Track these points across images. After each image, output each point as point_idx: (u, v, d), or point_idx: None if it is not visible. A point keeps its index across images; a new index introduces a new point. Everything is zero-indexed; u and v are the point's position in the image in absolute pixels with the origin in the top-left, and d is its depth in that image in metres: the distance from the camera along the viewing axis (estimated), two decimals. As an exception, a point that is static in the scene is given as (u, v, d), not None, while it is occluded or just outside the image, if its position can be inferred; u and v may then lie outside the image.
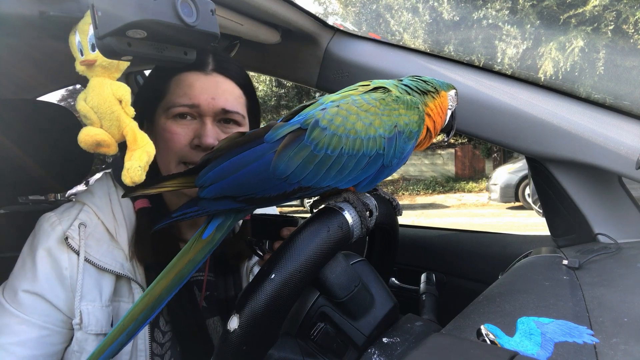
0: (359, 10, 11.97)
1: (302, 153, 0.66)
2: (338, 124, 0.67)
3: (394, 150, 0.69)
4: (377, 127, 0.68)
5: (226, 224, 0.71)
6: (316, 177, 0.67)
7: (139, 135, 0.73)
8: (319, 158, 0.66)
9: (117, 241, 0.87)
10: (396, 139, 0.69)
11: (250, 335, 0.60)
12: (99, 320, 0.82)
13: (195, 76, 0.87)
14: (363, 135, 0.67)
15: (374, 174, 0.70)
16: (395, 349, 0.66)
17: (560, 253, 0.96)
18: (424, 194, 14.75)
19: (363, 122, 0.68)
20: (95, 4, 0.54)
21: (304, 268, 0.61)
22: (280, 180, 0.66)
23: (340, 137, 0.66)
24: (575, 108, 0.99)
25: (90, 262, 0.82)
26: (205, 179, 0.69)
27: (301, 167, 0.66)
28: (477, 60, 9.13)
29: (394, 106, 0.71)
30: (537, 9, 8.75)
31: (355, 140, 0.67)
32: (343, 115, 0.68)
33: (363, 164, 0.68)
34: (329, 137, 0.66)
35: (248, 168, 0.67)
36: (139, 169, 0.70)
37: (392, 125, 0.69)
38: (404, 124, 0.70)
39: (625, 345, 0.49)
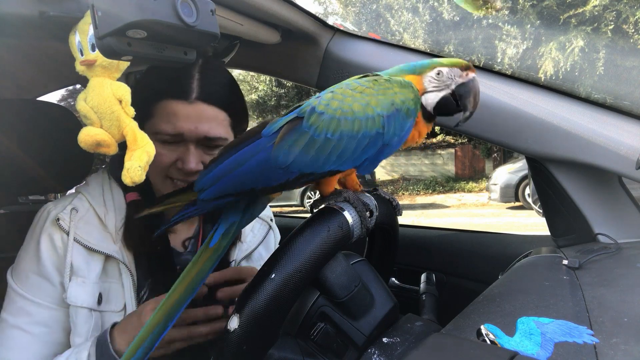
0: (359, 10, 11.97)
1: (302, 140, 0.66)
2: (335, 107, 0.67)
3: (393, 127, 0.69)
4: (374, 107, 0.68)
5: (231, 231, 0.73)
6: (317, 162, 0.67)
7: (139, 135, 0.73)
8: (319, 143, 0.66)
9: (105, 225, 0.93)
10: (395, 116, 0.69)
11: (251, 335, 0.60)
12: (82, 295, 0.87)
13: (179, 105, 0.90)
14: (361, 115, 0.67)
15: (374, 154, 0.69)
16: (395, 349, 0.66)
17: (560, 253, 0.96)
18: (424, 194, 14.75)
19: (360, 102, 0.68)
20: (95, 4, 0.54)
21: (304, 268, 0.61)
22: (282, 170, 0.67)
23: (339, 119, 0.66)
24: (575, 108, 0.99)
25: (79, 243, 0.88)
26: (204, 182, 0.69)
27: (302, 153, 0.66)
28: (477, 60, 9.13)
29: (387, 85, 0.71)
30: (537, 9, 8.74)
31: (354, 121, 0.67)
32: (339, 99, 0.68)
33: (363, 144, 0.67)
34: (327, 120, 0.66)
35: (248, 163, 0.67)
36: (139, 169, 0.71)
37: (389, 103, 0.69)
38: (400, 101, 0.69)
39: (625, 345, 0.49)
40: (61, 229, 0.88)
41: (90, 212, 0.93)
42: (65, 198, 0.96)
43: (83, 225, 0.90)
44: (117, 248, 0.92)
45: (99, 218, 0.93)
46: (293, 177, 0.67)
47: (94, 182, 0.99)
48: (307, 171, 0.67)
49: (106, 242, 0.91)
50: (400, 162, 16.83)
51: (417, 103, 0.72)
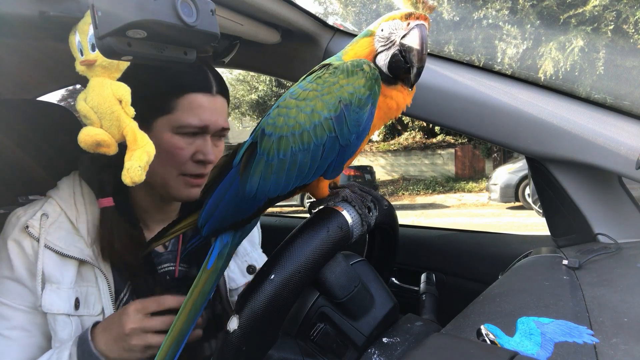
0: (359, 10, 11.97)
1: (259, 166, 0.66)
2: (281, 125, 0.65)
3: (347, 126, 0.64)
4: (320, 111, 0.64)
5: (225, 252, 0.73)
6: (280, 185, 0.66)
7: (139, 135, 0.73)
8: (275, 165, 0.65)
9: (77, 229, 0.91)
10: (344, 114, 0.64)
11: (250, 335, 0.60)
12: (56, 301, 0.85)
13: (204, 98, 0.91)
14: (308, 125, 0.64)
15: (335, 158, 0.66)
16: (395, 349, 0.66)
17: (560, 253, 0.96)
18: (424, 194, 14.75)
19: (304, 111, 0.65)
20: (95, 4, 0.54)
21: (304, 268, 0.61)
22: (250, 199, 0.67)
23: (287, 136, 0.64)
24: (575, 108, 0.99)
25: (50, 249, 0.86)
26: (202, 219, 0.72)
27: (263, 180, 0.65)
28: (477, 60, 9.12)
29: (332, 80, 0.66)
30: (537, 9, 8.74)
31: (302, 134, 0.64)
32: (284, 114, 0.66)
33: (319, 154, 0.65)
34: (276, 141, 0.65)
35: (225, 199, 0.69)
36: (139, 169, 0.70)
37: (335, 101, 0.64)
38: (348, 94, 0.64)
39: (625, 345, 0.49)
40: (31, 236, 0.86)
41: (61, 216, 0.91)
42: (36, 203, 0.93)
43: (54, 230, 0.88)
44: (91, 252, 0.90)
45: (70, 222, 0.91)
46: (262, 204, 0.68)
47: (65, 185, 0.96)
48: (273, 195, 0.67)
49: (79, 247, 0.89)
50: (400, 162, 16.83)
51: (372, 86, 0.65)
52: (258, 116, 15.41)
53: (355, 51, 0.70)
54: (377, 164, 16.66)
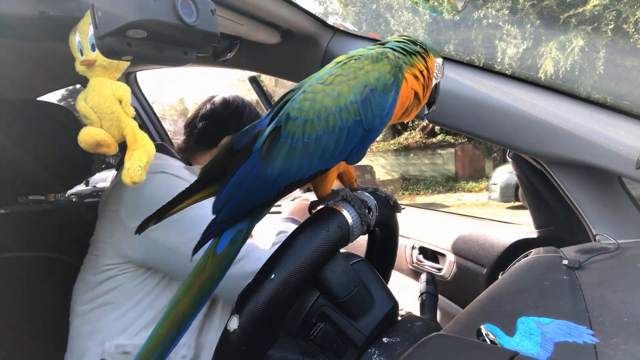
0: (359, 10, 11.96)
1: (283, 150, 0.66)
2: (307, 109, 0.66)
3: (371, 110, 0.67)
4: (346, 95, 0.66)
5: (239, 237, 0.70)
6: (302, 168, 0.66)
7: (139, 135, 0.73)
8: (299, 149, 0.65)
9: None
10: (370, 98, 0.66)
11: (250, 335, 0.60)
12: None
13: None
14: (334, 109, 0.65)
15: (358, 142, 0.68)
16: (395, 349, 0.66)
17: (560, 253, 0.96)
18: (424, 193, 14.74)
19: (330, 96, 0.66)
20: (95, 4, 0.54)
21: (304, 268, 0.61)
22: (271, 183, 0.66)
23: (312, 120, 0.65)
24: (575, 108, 0.99)
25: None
26: (217, 204, 0.69)
27: (286, 163, 0.65)
28: (477, 60, 9.10)
29: (357, 66, 0.68)
30: (537, 9, 8.72)
31: (327, 118, 0.65)
32: (310, 98, 0.67)
33: (343, 137, 0.66)
34: (301, 124, 0.65)
35: (244, 183, 0.67)
36: (139, 168, 0.71)
37: (361, 86, 0.66)
38: (374, 79, 0.67)
39: (626, 345, 0.49)
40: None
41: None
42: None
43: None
44: None
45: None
46: (283, 187, 0.67)
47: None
48: (295, 179, 0.67)
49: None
50: (400, 162, 16.82)
51: (397, 73, 0.69)
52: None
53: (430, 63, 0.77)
54: (377, 163, 16.64)
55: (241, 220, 0.70)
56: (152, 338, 0.67)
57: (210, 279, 0.68)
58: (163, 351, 0.66)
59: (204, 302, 0.68)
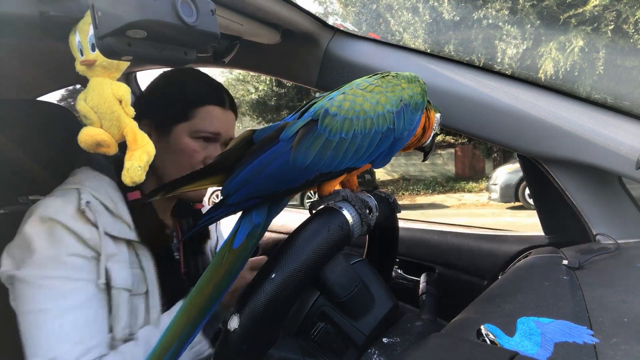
0: (359, 10, 11.97)
1: (318, 141, 0.70)
2: (347, 108, 0.72)
3: (403, 122, 0.75)
4: (384, 104, 0.73)
5: (256, 232, 0.71)
6: (335, 161, 0.70)
7: (139, 135, 0.73)
8: (334, 143, 0.70)
9: (119, 215, 0.94)
10: (404, 111, 0.75)
11: (251, 335, 0.60)
12: (124, 275, 0.90)
13: (218, 110, 1.04)
14: (372, 114, 0.72)
15: (387, 149, 0.75)
16: (395, 349, 0.66)
17: (560, 253, 0.96)
18: (424, 194, 14.74)
19: (370, 101, 0.73)
20: (95, 4, 0.54)
21: (305, 268, 0.61)
22: (301, 171, 0.69)
23: (352, 119, 0.71)
24: (575, 108, 0.99)
25: (107, 234, 0.89)
26: (230, 187, 0.70)
27: (319, 154, 0.69)
28: (477, 60, 9.13)
29: (395, 82, 0.77)
30: (537, 9, 8.73)
31: (365, 120, 0.71)
32: (350, 100, 0.73)
33: (376, 141, 0.73)
34: (340, 121, 0.70)
35: (269, 167, 0.69)
36: (139, 169, 0.70)
37: (397, 99, 0.75)
38: (408, 96, 0.76)
39: (626, 346, 0.49)
40: (88, 221, 0.87)
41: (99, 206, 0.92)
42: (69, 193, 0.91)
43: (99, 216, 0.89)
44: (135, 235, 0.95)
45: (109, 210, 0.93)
46: (313, 177, 0.70)
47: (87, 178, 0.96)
48: (326, 170, 0.71)
49: (125, 230, 0.93)
50: (400, 162, 16.82)
51: (424, 96, 0.79)
52: (258, 116, 15.39)
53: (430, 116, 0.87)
54: (377, 164, 16.63)
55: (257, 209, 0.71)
56: (167, 335, 0.66)
57: (227, 273, 0.67)
58: (179, 347, 0.65)
59: (221, 297, 0.68)
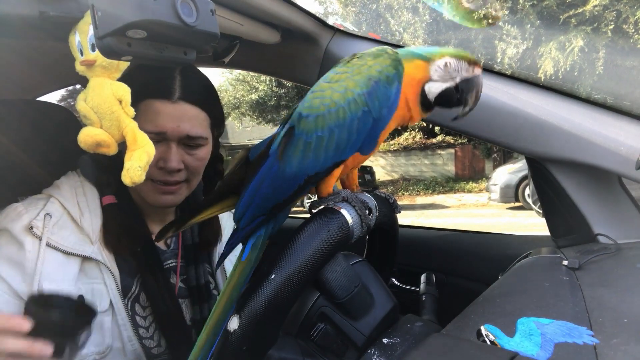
0: (359, 10, 11.97)
1: (298, 146, 0.70)
2: (317, 105, 0.70)
3: (378, 101, 0.70)
4: (353, 89, 0.70)
5: (259, 243, 0.74)
6: (318, 161, 0.69)
7: (139, 135, 0.73)
8: (313, 143, 0.69)
9: (81, 227, 0.91)
10: (376, 89, 0.70)
11: (250, 335, 0.60)
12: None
13: (161, 104, 0.90)
14: (343, 102, 0.69)
15: (369, 132, 0.71)
16: (395, 350, 0.66)
17: (560, 253, 0.96)
18: (424, 194, 14.75)
19: (338, 91, 0.70)
20: (95, 4, 0.54)
21: (304, 268, 0.61)
22: (291, 180, 0.70)
23: (323, 115, 0.69)
24: (575, 108, 0.99)
25: (54, 248, 0.86)
26: (239, 212, 0.74)
27: (302, 158, 0.69)
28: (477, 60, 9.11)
29: (360, 63, 0.73)
30: (537, 9, 8.73)
31: (338, 111, 0.69)
32: (319, 96, 0.71)
33: (355, 127, 0.70)
34: (313, 120, 0.69)
35: (264, 184, 0.71)
36: (139, 169, 0.71)
37: (366, 79, 0.70)
38: (377, 72, 0.71)
39: (625, 346, 0.49)
40: (34, 236, 0.85)
41: (64, 215, 0.91)
42: (36, 202, 0.91)
43: (58, 230, 0.88)
44: (96, 249, 0.91)
45: (74, 221, 0.91)
46: (302, 182, 0.70)
47: (66, 185, 0.96)
48: (312, 172, 0.70)
49: (83, 245, 0.90)
50: (400, 162, 16.82)
51: (397, 66, 0.72)
52: (258, 116, 15.39)
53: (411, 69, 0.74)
54: (377, 164, 16.65)
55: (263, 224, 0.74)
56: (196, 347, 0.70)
57: (237, 284, 0.71)
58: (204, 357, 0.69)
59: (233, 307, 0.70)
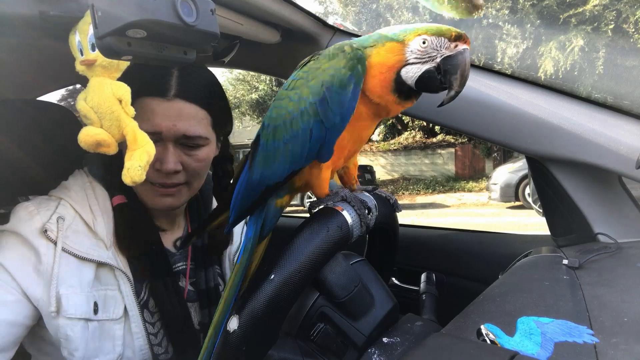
0: (359, 10, 11.97)
1: (260, 154, 0.72)
2: (275, 116, 0.70)
3: (330, 108, 0.65)
4: (306, 97, 0.67)
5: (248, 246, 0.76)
6: (276, 170, 0.70)
7: (139, 135, 0.73)
8: (270, 152, 0.70)
9: (95, 232, 0.88)
10: (327, 96, 0.65)
11: (250, 335, 0.60)
12: (78, 304, 0.83)
13: (156, 102, 0.86)
14: (296, 113, 0.67)
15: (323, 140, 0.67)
16: (395, 349, 0.66)
17: (560, 253, 0.96)
18: (424, 193, 14.75)
19: (293, 100, 0.68)
20: (95, 4, 0.54)
21: (304, 268, 0.61)
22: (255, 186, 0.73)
23: (279, 126, 0.69)
24: (575, 108, 0.99)
25: (69, 252, 0.83)
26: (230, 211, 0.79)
27: (261, 166, 0.71)
28: (477, 60, 9.13)
29: (315, 66, 0.69)
30: (537, 9, 8.74)
31: (291, 122, 0.68)
32: (277, 105, 0.71)
33: (307, 137, 0.67)
34: (272, 131, 0.70)
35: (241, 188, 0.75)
36: (139, 168, 0.71)
37: (318, 86, 0.66)
38: (330, 77, 0.65)
39: (625, 345, 0.49)
40: (49, 239, 0.82)
41: (77, 219, 0.87)
42: (47, 203, 0.88)
43: (72, 234, 0.85)
44: (110, 254, 0.88)
45: (87, 225, 0.88)
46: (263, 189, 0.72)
47: (76, 187, 0.93)
48: (271, 182, 0.71)
49: (98, 250, 0.87)
50: (400, 162, 16.83)
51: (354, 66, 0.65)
52: (258, 116, 15.41)
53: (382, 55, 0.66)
54: (377, 163, 16.65)
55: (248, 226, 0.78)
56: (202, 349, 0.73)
57: (232, 286, 0.74)
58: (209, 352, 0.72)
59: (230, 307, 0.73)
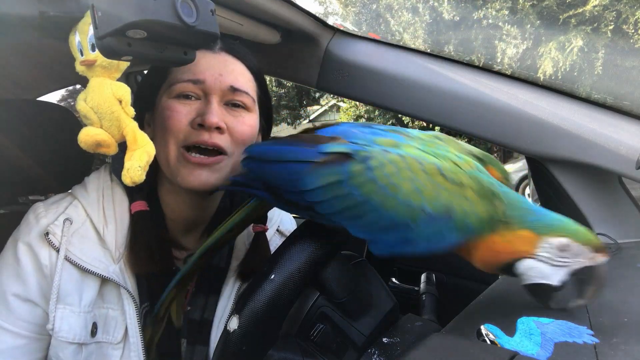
0: (359, 10, 11.98)
1: (332, 179, 0.60)
2: (385, 173, 0.58)
3: (428, 232, 0.57)
4: (425, 197, 0.57)
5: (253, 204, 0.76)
6: (331, 209, 0.61)
7: (139, 135, 0.73)
8: (343, 193, 0.60)
9: (104, 240, 0.78)
10: (438, 222, 0.57)
11: (250, 335, 0.60)
12: (72, 327, 0.74)
13: (201, 53, 0.78)
14: (402, 197, 0.57)
15: (394, 241, 0.60)
16: (395, 349, 0.66)
17: (560, 253, 0.95)
18: (424, 194, 14.73)
19: (414, 184, 0.57)
20: (95, 4, 0.54)
21: (304, 268, 0.61)
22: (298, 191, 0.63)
23: (379, 187, 0.58)
24: (575, 108, 0.99)
25: (71, 262, 0.75)
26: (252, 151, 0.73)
27: (322, 190, 0.61)
28: (477, 60, 9.14)
29: (463, 182, 0.58)
30: (537, 9, 8.75)
31: (388, 198, 0.58)
32: (399, 167, 0.59)
33: (385, 224, 0.59)
34: (367, 180, 0.59)
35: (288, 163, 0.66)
36: (139, 169, 0.70)
37: (443, 203, 0.57)
38: (460, 209, 0.56)
39: (625, 346, 0.49)
40: (50, 245, 0.74)
41: (86, 224, 0.79)
42: (58, 203, 0.81)
43: (77, 240, 0.76)
44: (117, 269, 0.77)
45: (96, 231, 0.78)
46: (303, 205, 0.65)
47: (92, 185, 0.83)
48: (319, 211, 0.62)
49: (104, 262, 0.77)
50: (400, 162, 16.79)
51: (484, 223, 0.58)
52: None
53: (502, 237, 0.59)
54: (377, 164, 16.60)
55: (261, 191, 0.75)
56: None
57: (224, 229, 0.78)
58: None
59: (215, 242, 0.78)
